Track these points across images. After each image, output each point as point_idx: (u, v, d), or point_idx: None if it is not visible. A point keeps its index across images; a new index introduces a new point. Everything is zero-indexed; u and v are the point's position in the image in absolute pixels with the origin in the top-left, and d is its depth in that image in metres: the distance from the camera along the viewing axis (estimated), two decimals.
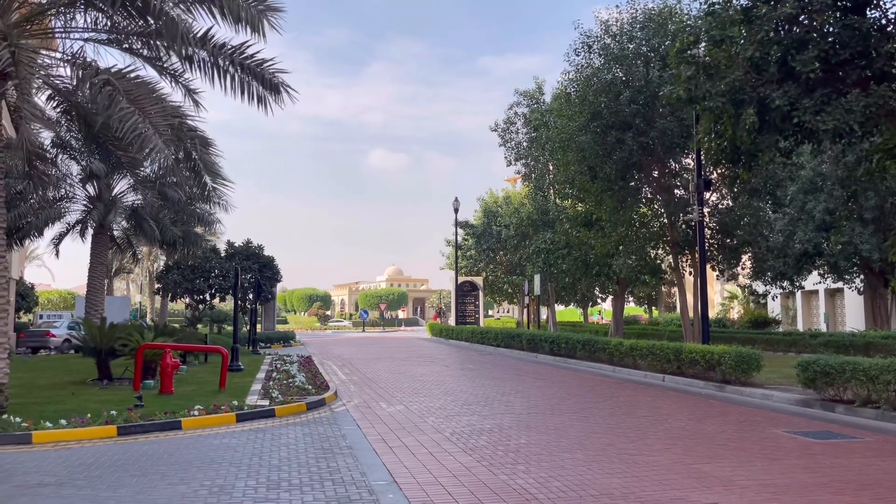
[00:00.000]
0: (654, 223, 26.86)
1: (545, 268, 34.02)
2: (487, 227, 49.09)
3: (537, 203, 39.79)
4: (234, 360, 19.09)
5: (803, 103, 14.58)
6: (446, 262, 59.87)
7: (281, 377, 16.65)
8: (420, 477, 7.48)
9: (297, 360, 22.72)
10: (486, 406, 13.04)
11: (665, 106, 22.95)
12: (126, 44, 11.79)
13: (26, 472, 7.67)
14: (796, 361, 14.13)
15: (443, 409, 12.69)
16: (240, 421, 10.99)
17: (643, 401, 14.12)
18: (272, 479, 7.30)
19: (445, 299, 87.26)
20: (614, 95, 23.10)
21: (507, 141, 41.70)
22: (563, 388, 16.20)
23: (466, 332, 38.31)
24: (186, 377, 16.91)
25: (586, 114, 23.77)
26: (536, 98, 41.02)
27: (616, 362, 20.65)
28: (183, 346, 16.76)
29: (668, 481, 7.22)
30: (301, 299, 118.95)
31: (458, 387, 16.48)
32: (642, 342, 19.68)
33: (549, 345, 25.55)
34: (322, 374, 18.54)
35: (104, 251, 25.22)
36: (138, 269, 58.90)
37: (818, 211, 26.79)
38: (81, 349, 16.76)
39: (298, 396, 13.27)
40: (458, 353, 30.99)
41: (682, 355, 17.18)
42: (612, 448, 9.01)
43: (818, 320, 43.11)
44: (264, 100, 12.40)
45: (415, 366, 22.98)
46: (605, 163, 23.82)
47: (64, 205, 25.80)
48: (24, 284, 41.10)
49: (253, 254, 37.91)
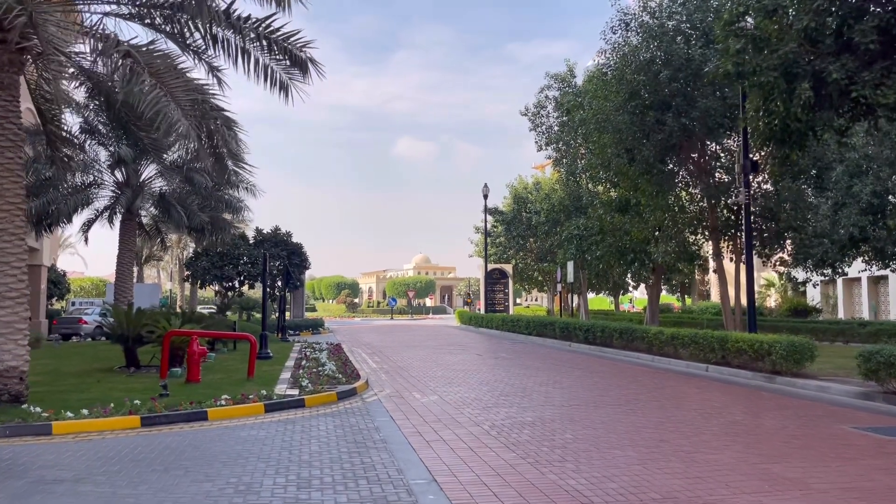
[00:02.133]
0: (692, 208, 25.92)
1: (578, 254, 33.21)
2: (517, 213, 48.32)
3: (569, 188, 38.94)
4: (263, 348, 18.70)
5: (862, 76, 13.67)
6: (475, 250, 59.21)
7: (310, 365, 16.20)
8: (462, 475, 6.90)
9: (326, 347, 22.31)
10: (525, 397, 12.42)
11: (707, 85, 22.00)
12: (148, 19, 11.28)
13: (43, 465, 7.24)
14: (856, 352, 13.29)
15: (479, 399, 12.09)
16: (268, 411, 10.50)
17: (690, 392, 13.39)
18: (303, 477, 6.77)
19: (474, 287, 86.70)
20: (653, 74, 22.18)
21: (538, 125, 40.77)
22: (604, 379, 15.52)
23: (497, 320, 37.64)
24: (214, 365, 16.54)
25: (623, 94, 22.90)
26: (568, 81, 40.08)
27: (655, 351, 19.89)
28: (210, 333, 16.32)
29: (736, 483, 6.54)
30: (329, 287, 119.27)
31: (493, 376, 15.88)
32: (684, 331, 18.89)
33: (583, 333, 24.81)
34: (352, 362, 18.08)
35: (132, 237, 25.01)
36: (168, 257, 59.20)
37: (865, 194, 25.60)
38: (110, 336, 16.38)
39: (328, 386, 12.77)
40: (488, 341, 30.40)
41: (728, 344, 16.38)
42: (666, 445, 8.34)
43: (860, 308, 41.72)
44: (287, 84, 11.80)
45: (446, 354, 22.43)
46: (643, 145, 22.94)
47: (92, 191, 25.62)
48: (57, 272, 41.32)
49: (281, 241, 37.69)
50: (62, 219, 25.01)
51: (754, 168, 18.28)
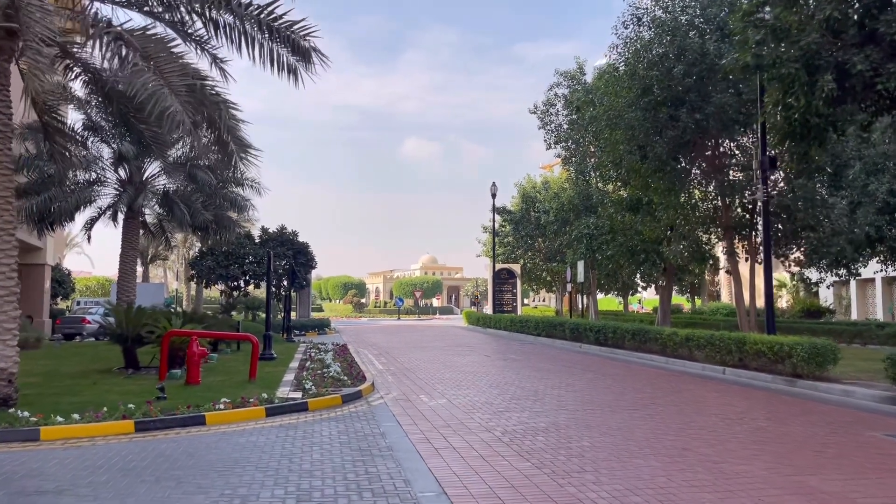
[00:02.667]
0: (705, 206, 25.35)
1: (588, 254, 32.68)
2: (525, 212, 47.75)
3: (578, 187, 38.38)
4: (267, 349, 18.27)
5: (887, 68, 13.13)
6: (483, 250, 58.63)
7: (315, 367, 15.75)
8: (473, 488, 6.41)
9: (331, 348, 21.86)
10: (537, 401, 11.92)
11: (721, 80, 21.45)
12: (147, 6, 10.84)
13: (27, 475, 6.78)
14: (879, 354, 12.75)
15: (490, 403, 11.61)
16: (269, 415, 10.04)
17: (709, 396, 12.87)
18: (303, 489, 6.30)
19: (481, 287, 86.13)
20: (666, 70, 21.64)
21: (547, 123, 40.26)
22: (618, 382, 15.00)
23: (505, 320, 37.11)
24: (216, 366, 16.10)
25: (636, 89, 22.37)
26: (578, 78, 39.54)
27: (669, 353, 19.35)
28: (211, 334, 15.86)
29: (772, 499, 6.03)
30: (336, 287, 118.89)
31: (503, 378, 15.39)
32: (699, 332, 18.35)
33: (594, 334, 24.27)
34: (358, 363, 17.62)
35: (135, 236, 24.59)
36: (174, 257, 58.88)
37: (881, 193, 24.98)
38: (110, 336, 15.94)
39: (333, 388, 12.31)
40: (497, 342, 29.89)
41: (746, 346, 15.83)
42: (690, 453, 7.84)
43: (874, 310, 40.99)
44: (296, 67, 11.34)
45: (454, 355, 21.94)
46: (656, 142, 22.39)
47: (95, 189, 25.21)
48: (61, 271, 41.04)
49: (287, 240, 37.24)
50: (64, 217, 24.60)
51: (772, 164, 17.71)
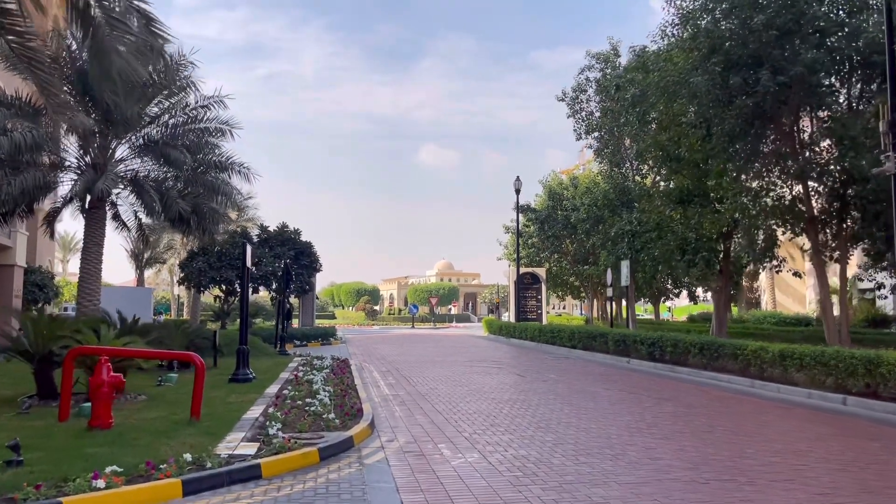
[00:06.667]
0: (780, 193, 21.08)
1: (630, 253, 28.48)
2: (552, 211, 43.57)
3: (614, 180, 34.25)
4: (241, 368, 14.28)
5: None
6: (504, 252, 54.28)
7: (297, 393, 11.75)
8: None
9: (329, 364, 17.85)
10: (617, 458, 7.81)
11: (812, 34, 17.34)
12: None
13: None
14: None
15: (545, 461, 7.53)
16: (189, 494, 6.03)
17: (862, 446, 8.70)
18: None
19: (502, 292, 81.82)
20: (742, 21, 17.53)
21: (577, 111, 36.23)
22: (714, 419, 10.82)
23: (532, 330, 32.82)
24: (165, 393, 12.10)
25: (703, 48, 18.26)
26: (611, 61, 35.49)
27: (754, 374, 15.19)
28: (134, 352, 11.02)
29: None
30: (349, 293, 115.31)
31: (551, 413, 11.24)
32: (800, 347, 14.14)
33: (647, 348, 20.02)
34: (357, 385, 13.63)
35: (100, 229, 20.67)
36: (174, 259, 55.20)
37: None
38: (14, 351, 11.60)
39: (310, 433, 8.31)
40: (525, 355, 25.73)
41: (883, 368, 11.65)
42: None
43: None
44: None
45: (479, 374, 17.83)
46: (726, 114, 18.27)
47: (59, 175, 21.45)
48: (43, 273, 37.40)
49: (288, 238, 33.43)
50: (20, 208, 20.82)
51: None
